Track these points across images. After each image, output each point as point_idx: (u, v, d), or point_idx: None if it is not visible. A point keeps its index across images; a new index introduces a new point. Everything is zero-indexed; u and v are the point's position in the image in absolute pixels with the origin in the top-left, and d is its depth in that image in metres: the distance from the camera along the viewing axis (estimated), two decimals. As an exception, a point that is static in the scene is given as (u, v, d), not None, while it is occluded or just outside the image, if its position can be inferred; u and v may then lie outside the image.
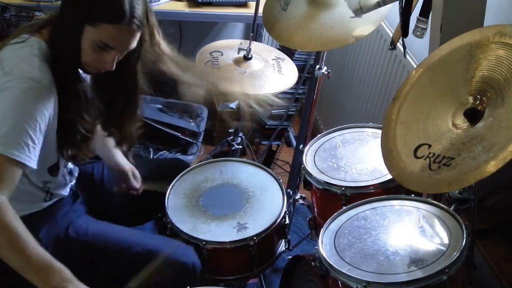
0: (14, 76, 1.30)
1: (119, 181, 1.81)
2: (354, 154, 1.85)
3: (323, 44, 1.90)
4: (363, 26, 1.81)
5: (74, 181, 1.68)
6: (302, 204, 2.40)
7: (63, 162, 1.56)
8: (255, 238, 1.62)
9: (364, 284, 1.30)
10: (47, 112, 1.32)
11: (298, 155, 2.36)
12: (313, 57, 2.50)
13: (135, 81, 1.55)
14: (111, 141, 1.71)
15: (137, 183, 1.82)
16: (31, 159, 1.29)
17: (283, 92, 2.42)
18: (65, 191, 1.64)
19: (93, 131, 1.52)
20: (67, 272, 1.23)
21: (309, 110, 2.26)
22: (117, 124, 1.61)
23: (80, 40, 1.36)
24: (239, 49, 2.11)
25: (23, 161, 1.27)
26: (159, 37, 1.56)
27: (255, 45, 2.14)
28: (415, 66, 1.95)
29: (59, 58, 1.38)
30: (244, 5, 2.78)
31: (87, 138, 1.49)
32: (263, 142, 2.93)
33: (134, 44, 1.41)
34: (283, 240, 1.79)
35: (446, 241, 1.37)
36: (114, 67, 1.42)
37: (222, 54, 2.13)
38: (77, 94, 1.42)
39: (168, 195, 1.77)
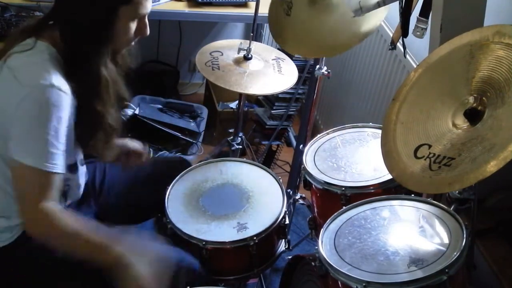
0: (30, 86, 1.32)
1: (123, 160, 1.81)
2: (354, 154, 1.85)
3: (334, 49, 1.92)
4: (370, 22, 1.83)
5: (85, 181, 1.69)
6: (302, 204, 2.40)
7: (80, 160, 1.58)
8: (255, 238, 1.62)
9: (364, 284, 1.30)
10: (65, 115, 1.35)
11: (298, 155, 2.36)
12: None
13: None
14: None
15: (139, 148, 1.82)
16: (59, 165, 1.35)
17: (283, 92, 2.44)
18: (79, 192, 1.65)
19: (119, 122, 1.54)
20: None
21: (309, 110, 2.26)
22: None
23: (114, 26, 1.39)
24: (239, 49, 2.11)
25: (51, 170, 1.33)
26: None
27: (255, 45, 2.14)
28: (415, 66, 1.94)
29: (81, 56, 1.39)
30: (244, 5, 2.78)
31: (113, 131, 1.52)
32: (263, 142, 2.93)
33: None
34: (283, 240, 1.79)
35: (446, 241, 1.37)
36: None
37: (222, 54, 2.13)
38: (106, 82, 1.44)
39: (168, 195, 1.76)
